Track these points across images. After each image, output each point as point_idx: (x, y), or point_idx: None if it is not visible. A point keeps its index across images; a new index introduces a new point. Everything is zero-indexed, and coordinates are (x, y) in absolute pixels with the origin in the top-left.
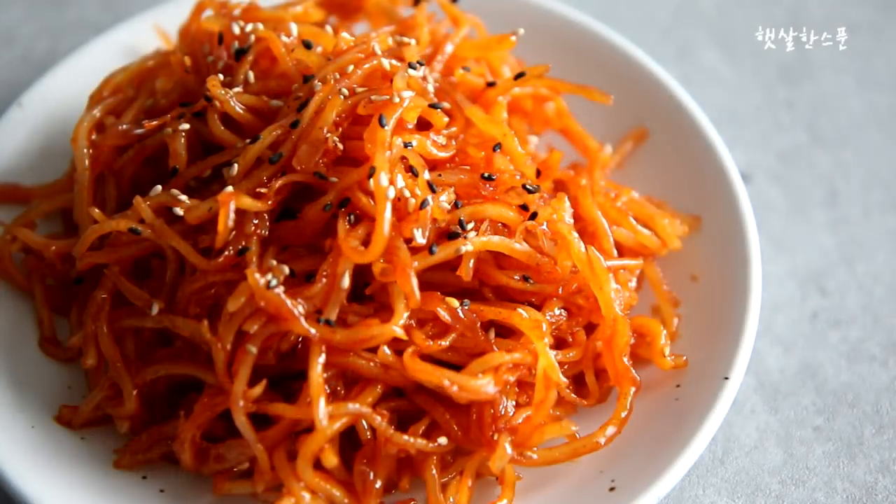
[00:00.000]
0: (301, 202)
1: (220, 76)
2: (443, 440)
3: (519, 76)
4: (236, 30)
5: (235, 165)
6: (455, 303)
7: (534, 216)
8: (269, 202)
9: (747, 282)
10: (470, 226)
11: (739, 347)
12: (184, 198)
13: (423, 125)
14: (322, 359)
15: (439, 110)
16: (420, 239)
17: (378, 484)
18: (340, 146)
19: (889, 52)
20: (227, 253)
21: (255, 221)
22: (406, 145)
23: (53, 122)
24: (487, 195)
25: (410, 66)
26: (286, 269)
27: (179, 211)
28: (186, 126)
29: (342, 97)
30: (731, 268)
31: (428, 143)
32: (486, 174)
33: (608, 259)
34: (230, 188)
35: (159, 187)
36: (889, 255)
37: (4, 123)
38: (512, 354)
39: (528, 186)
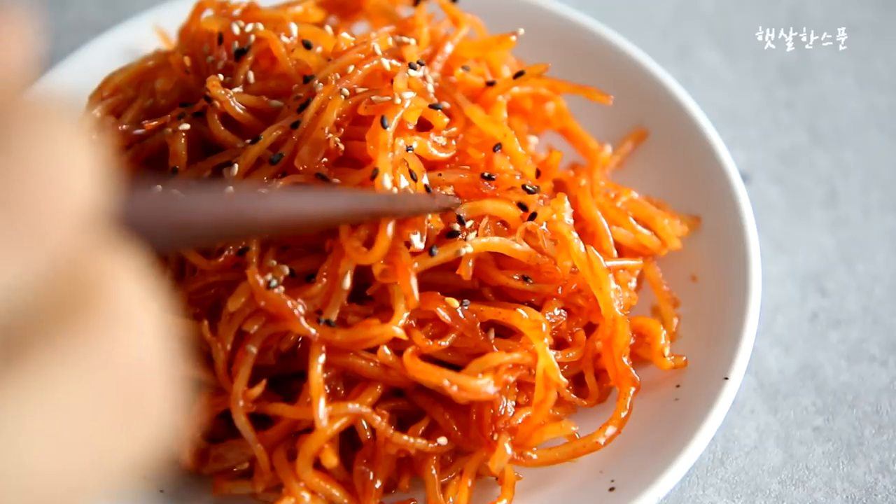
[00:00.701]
0: None
1: (220, 76)
2: (443, 440)
3: (518, 75)
4: (236, 30)
5: (236, 166)
6: (455, 303)
7: (533, 216)
8: None
9: (747, 282)
10: (469, 224)
11: (739, 347)
12: None
13: (423, 125)
14: (322, 359)
15: (439, 111)
16: (418, 244)
17: (378, 484)
18: (342, 147)
19: (889, 52)
20: (227, 253)
21: None
22: (408, 148)
23: None
24: (487, 193)
25: (410, 66)
26: (286, 269)
27: None
28: (186, 126)
29: (343, 97)
30: (731, 268)
31: (428, 143)
32: (486, 174)
33: (608, 259)
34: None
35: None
36: (889, 255)
37: None
38: (512, 355)
39: (527, 187)
